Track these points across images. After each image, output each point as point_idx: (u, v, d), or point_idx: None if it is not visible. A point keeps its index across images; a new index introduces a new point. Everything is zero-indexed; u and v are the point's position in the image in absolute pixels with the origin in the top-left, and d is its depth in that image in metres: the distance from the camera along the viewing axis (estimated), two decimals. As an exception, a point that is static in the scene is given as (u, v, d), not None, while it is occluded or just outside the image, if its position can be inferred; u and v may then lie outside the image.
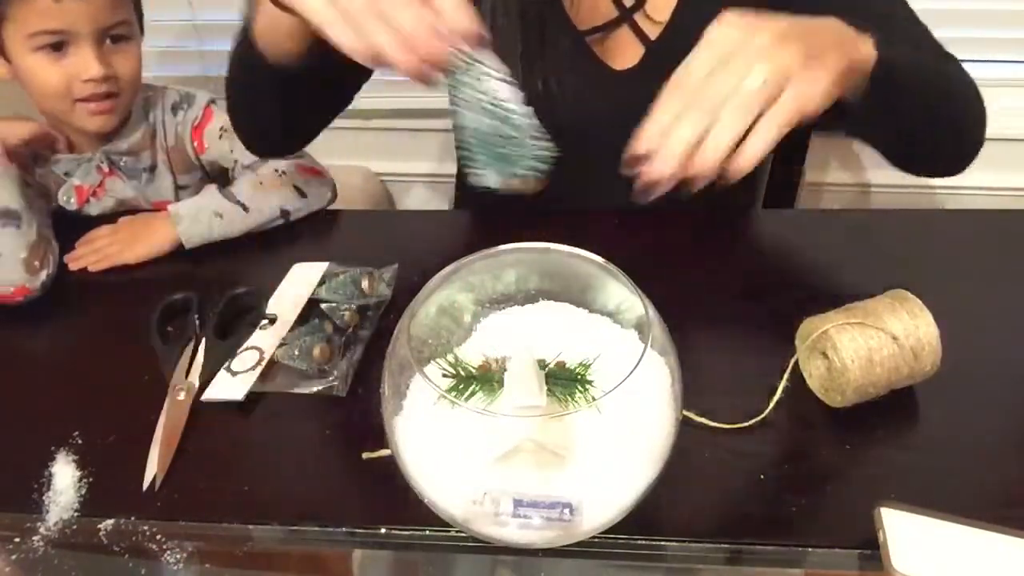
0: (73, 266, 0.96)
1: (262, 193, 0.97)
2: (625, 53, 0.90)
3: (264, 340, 0.82)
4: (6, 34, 0.94)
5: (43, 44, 0.93)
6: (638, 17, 0.88)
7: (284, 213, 0.98)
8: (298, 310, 0.84)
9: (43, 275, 0.91)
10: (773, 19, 0.58)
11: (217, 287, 0.89)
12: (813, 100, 0.55)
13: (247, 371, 0.78)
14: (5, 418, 0.78)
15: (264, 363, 0.79)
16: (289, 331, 0.82)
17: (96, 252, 0.97)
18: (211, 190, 0.99)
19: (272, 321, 0.83)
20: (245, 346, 0.81)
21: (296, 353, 0.78)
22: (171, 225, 0.96)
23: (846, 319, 0.69)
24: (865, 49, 0.63)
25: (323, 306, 0.83)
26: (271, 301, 0.86)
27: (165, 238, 0.96)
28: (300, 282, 0.88)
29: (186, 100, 1.08)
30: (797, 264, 0.89)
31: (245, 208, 0.96)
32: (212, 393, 0.77)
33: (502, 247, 0.59)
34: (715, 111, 0.53)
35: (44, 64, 0.94)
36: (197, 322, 0.84)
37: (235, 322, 0.85)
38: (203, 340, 0.82)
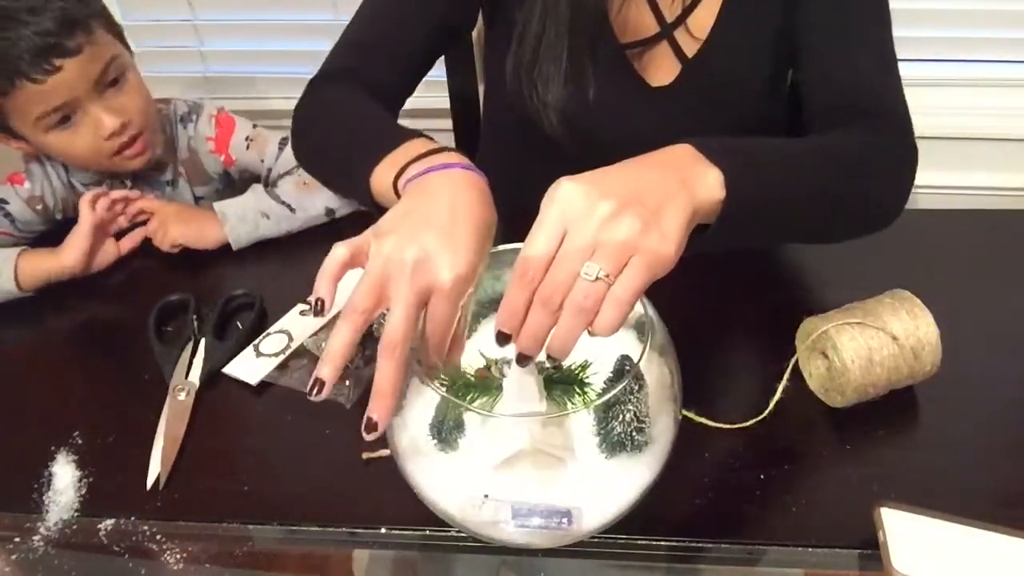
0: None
1: (307, 193, 0.97)
2: (662, 69, 0.90)
3: (297, 325, 0.82)
4: (15, 125, 0.93)
5: (52, 124, 0.92)
6: (678, 33, 0.88)
7: (329, 212, 0.98)
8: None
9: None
10: (608, 177, 0.54)
11: (215, 288, 0.89)
12: (662, 261, 0.52)
13: (272, 356, 0.79)
14: (5, 418, 0.78)
15: (291, 350, 0.79)
16: (327, 324, 0.81)
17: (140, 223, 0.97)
18: (257, 190, 0.98)
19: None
20: (276, 327, 0.82)
21: (323, 346, 0.78)
22: (219, 224, 0.95)
23: (846, 319, 0.69)
24: (706, 192, 0.57)
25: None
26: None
27: (212, 232, 0.95)
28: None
29: (194, 111, 1.07)
30: (797, 264, 0.88)
31: (291, 209, 0.96)
32: (232, 369, 0.78)
33: (502, 247, 0.59)
34: (555, 309, 0.51)
35: (62, 139, 0.93)
36: (195, 323, 0.84)
37: (232, 323, 0.85)
38: (202, 341, 0.82)
